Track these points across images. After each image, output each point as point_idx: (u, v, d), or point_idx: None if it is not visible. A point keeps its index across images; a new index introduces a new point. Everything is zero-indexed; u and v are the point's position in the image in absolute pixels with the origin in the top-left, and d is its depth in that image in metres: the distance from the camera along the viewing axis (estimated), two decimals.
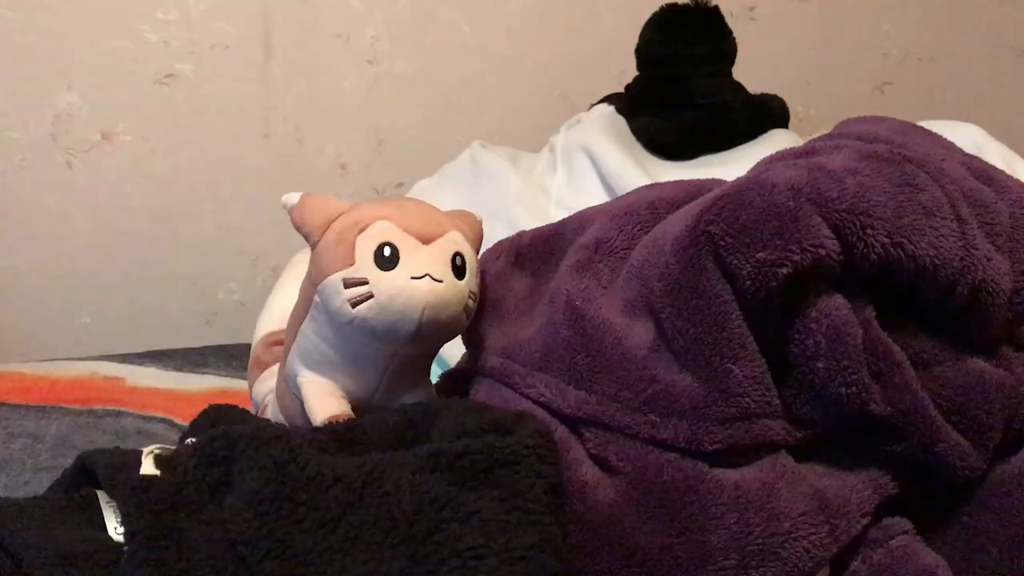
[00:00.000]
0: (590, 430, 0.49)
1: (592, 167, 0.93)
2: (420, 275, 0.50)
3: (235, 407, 0.57)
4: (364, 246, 0.51)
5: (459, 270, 0.52)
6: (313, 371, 0.55)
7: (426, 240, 0.51)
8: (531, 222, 0.79)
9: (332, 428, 0.48)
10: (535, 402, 0.51)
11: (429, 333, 0.51)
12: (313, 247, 0.54)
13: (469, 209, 0.59)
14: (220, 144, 1.23)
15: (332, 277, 0.51)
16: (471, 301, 0.53)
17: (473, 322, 0.56)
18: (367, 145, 1.26)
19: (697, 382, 0.46)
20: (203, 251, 1.25)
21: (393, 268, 0.50)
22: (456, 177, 1.00)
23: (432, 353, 0.57)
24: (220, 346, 1.10)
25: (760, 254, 0.45)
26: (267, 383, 0.66)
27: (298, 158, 1.24)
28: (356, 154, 1.26)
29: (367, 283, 0.50)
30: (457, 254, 0.52)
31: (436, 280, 0.50)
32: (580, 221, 0.58)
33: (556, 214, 0.89)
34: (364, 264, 0.50)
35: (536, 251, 0.59)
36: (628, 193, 0.60)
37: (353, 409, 0.53)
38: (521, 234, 0.61)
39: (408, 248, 0.50)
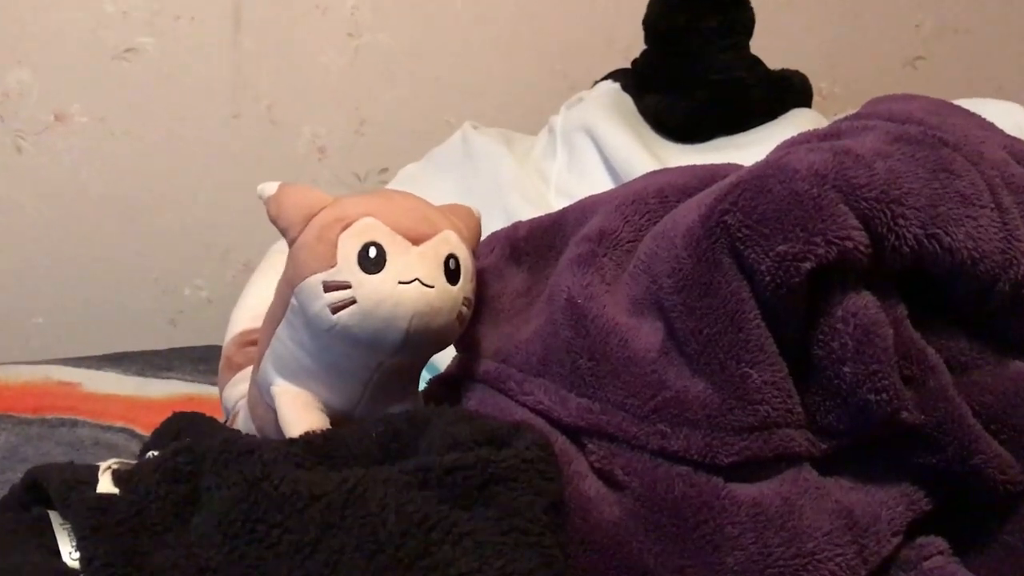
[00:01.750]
0: (593, 441, 0.49)
1: (595, 150, 0.93)
2: (409, 279, 0.49)
3: (202, 415, 0.57)
4: (347, 245, 0.50)
5: (452, 274, 0.51)
6: (288, 380, 0.54)
7: (416, 240, 0.51)
8: (528, 211, 0.80)
9: (309, 440, 0.48)
10: (533, 410, 0.51)
11: (417, 343, 0.51)
12: (291, 244, 0.53)
13: (460, 198, 0.60)
14: (185, 126, 1.22)
15: (311, 279, 0.51)
16: (465, 308, 0.53)
17: None
18: (347, 126, 1.26)
19: (711, 388, 0.46)
20: (167, 244, 1.25)
21: (379, 271, 0.50)
22: (446, 162, 1.00)
23: (421, 364, 0.57)
24: (186, 348, 1.10)
25: (781, 247, 0.45)
26: (239, 387, 0.66)
27: (271, 141, 1.24)
28: (335, 136, 1.26)
29: (350, 287, 0.49)
30: (451, 256, 0.52)
31: (426, 285, 0.50)
32: (582, 210, 0.58)
33: (555, 202, 0.90)
34: (347, 265, 0.50)
35: (534, 244, 0.59)
36: (635, 179, 0.60)
37: (332, 423, 0.53)
38: (517, 225, 0.61)
39: (396, 249, 0.50)
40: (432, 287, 0.50)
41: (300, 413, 0.53)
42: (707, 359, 0.46)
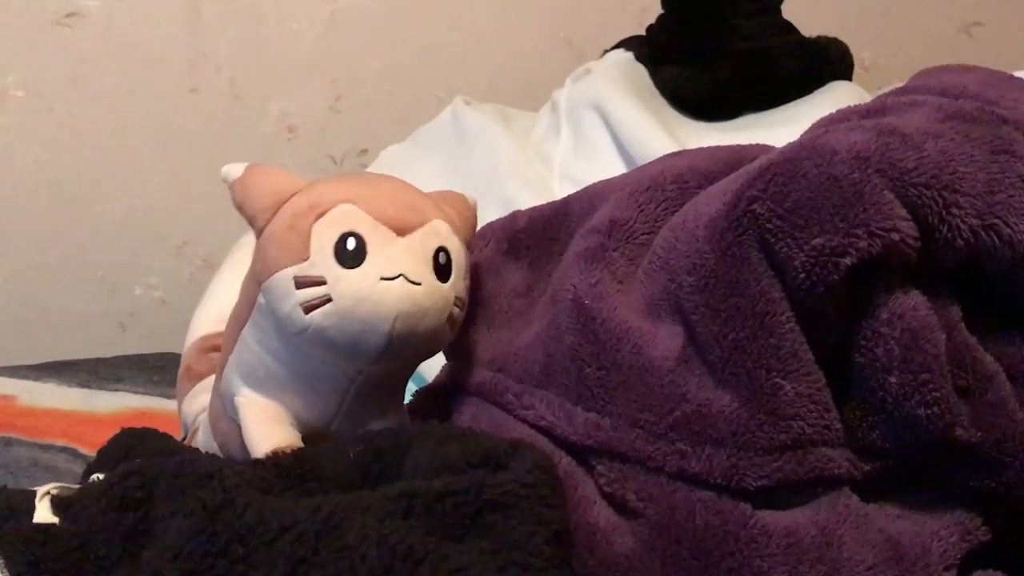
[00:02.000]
0: (603, 462, 0.49)
1: (605, 129, 0.93)
2: (392, 275, 0.49)
3: (154, 432, 0.58)
4: (322, 236, 0.50)
5: (442, 269, 0.51)
6: (255, 390, 0.54)
7: (401, 230, 0.51)
8: (528, 199, 0.79)
9: (277, 461, 0.48)
10: (534, 427, 0.51)
11: (402, 349, 0.51)
12: (258, 234, 0.53)
13: (450, 183, 0.60)
14: (136, 101, 1.22)
15: (280, 274, 0.51)
16: (457, 309, 0.53)
17: None
18: (322, 102, 1.26)
19: (738, 401, 0.46)
20: (115, 237, 1.25)
21: (358, 265, 0.50)
22: (434, 143, 1.00)
23: (407, 373, 0.57)
24: (137, 356, 1.11)
25: (817, 240, 0.45)
26: (200, 399, 0.67)
27: (235, 119, 1.24)
28: (308, 114, 1.26)
29: (324, 283, 0.50)
30: (441, 249, 0.52)
31: (412, 282, 0.50)
32: (590, 198, 0.58)
33: (559, 189, 0.90)
34: (321, 259, 0.50)
35: (535, 236, 0.59)
36: (650, 163, 0.59)
37: (305, 440, 0.53)
38: (516, 215, 0.61)
39: (378, 240, 0.50)
40: (419, 284, 0.50)
41: (268, 428, 0.53)
42: (733, 368, 0.46)
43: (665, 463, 0.47)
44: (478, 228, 0.61)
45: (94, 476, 0.50)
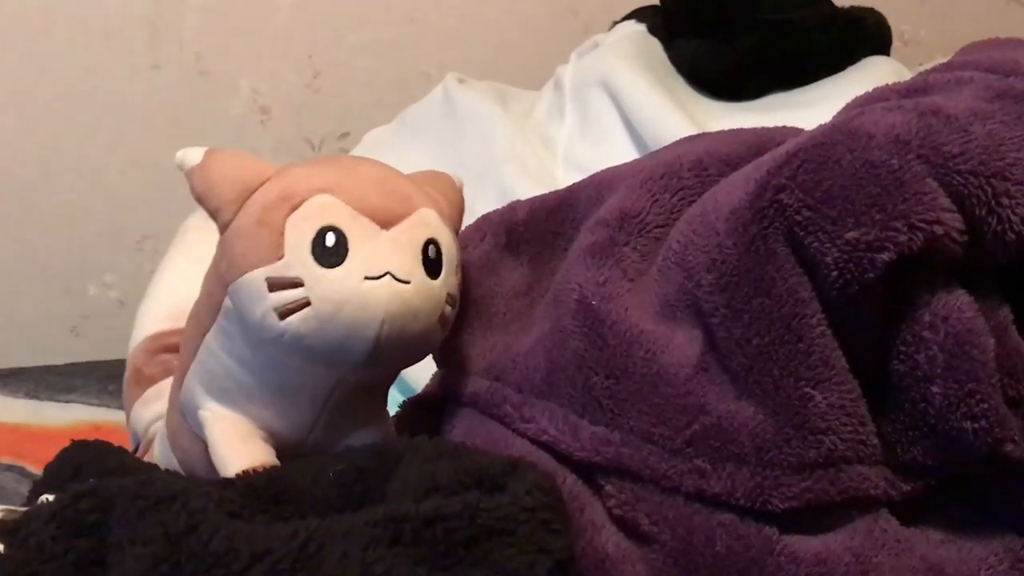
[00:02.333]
0: (612, 482, 0.49)
1: (614, 109, 0.93)
2: (378, 274, 0.49)
3: (109, 446, 0.56)
4: (297, 231, 0.50)
5: (433, 265, 0.51)
6: (221, 402, 0.54)
7: (386, 222, 0.51)
8: (529, 187, 0.82)
9: (248, 481, 0.48)
10: (535, 442, 0.51)
11: (390, 355, 0.51)
12: (223, 229, 0.53)
13: (442, 170, 0.59)
14: (91, 79, 1.22)
15: (251, 275, 0.50)
16: (449, 307, 0.53)
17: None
18: (297, 80, 1.26)
19: (763, 413, 0.46)
20: (66, 230, 1.25)
21: (339, 264, 0.49)
22: (423, 125, 1.00)
23: (390, 379, 0.57)
24: (91, 363, 1.10)
25: (851, 233, 0.45)
26: (153, 407, 0.66)
27: (201, 98, 1.24)
28: (282, 93, 1.26)
29: (302, 285, 0.49)
30: (431, 242, 0.52)
31: (400, 281, 0.50)
32: (597, 187, 0.58)
33: (563, 176, 0.90)
34: (297, 258, 0.49)
35: (536, 229, 0.59)
36: (665, 147, 0.59)
37: (279, 456, 0.53)
38: (515, 206, 0.61)
39: (360, 234, 0.50)
40: (407, 283, 0.50)
41: (238, 445, 0.52)
42: (757, 376, 0.46)
43: (682, 482, 0.47)
44: (473, 221, 0.61)
45: (43, 497, 0.50)
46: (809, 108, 0.82)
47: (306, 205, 0.50)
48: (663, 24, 1.01)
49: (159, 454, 0.61)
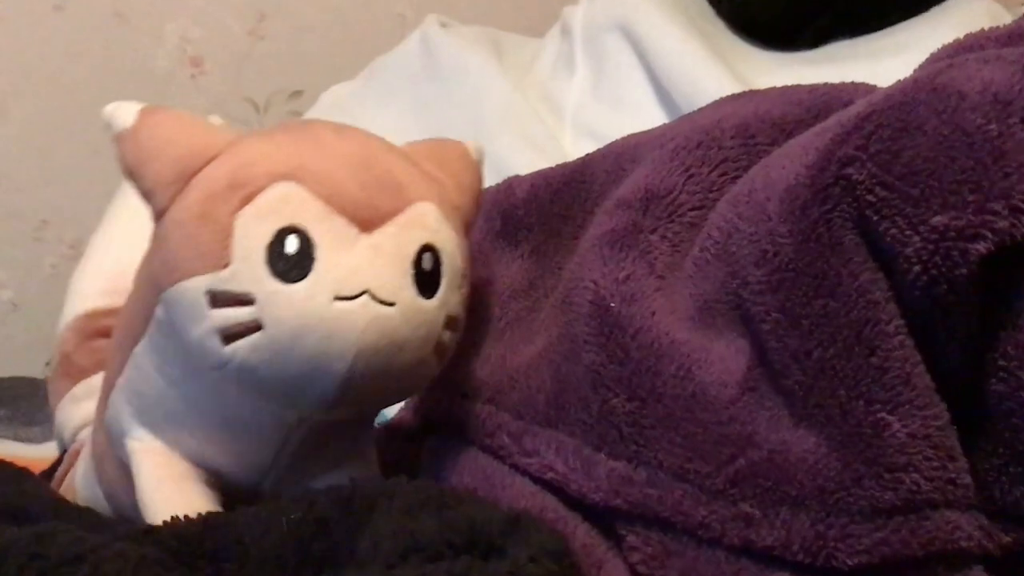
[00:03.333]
0: (636, 531, 0.46)
1: (637, 62, 0.87)
2: (352, 293, 0.44)
3: (6, 470, 0.54)
4: (250, 232, 0.44)
5: (428, 279, 0.46)
6: (152, 431, 0.50)
7: (368, 222, 0.45)
8: (530, 159, 0.77)
9: (179, 533, 0.43)
10: (538, 480, 0.49)
11: (364, 394, 0.46)
12: (157, 217, 0.47)
13: (419, 137, 0.54)
14: None
15: (188, 284, 0.45)
16: (449, 333, 0.48)
17: None
18: (238, 25, 1.18)
19: (826, 445, 0.42)
20: None
21: (302, 277, 0.44)
22: (397, 82, 0.94)
23: (374, 414, 0.53)
24: None
25: (938, 218, 0.41)
26: (84, 406, 0.62)
27: (119, 48, 1.15)
28: (218, 41, 1.18)
29: (252, 303, 0.44)
30: (426, 249, 0.46)
31: (382, 302, 0.44)
32: (616, 159, 0.56)
33: (573, 145, 0.86)
34: (248, 267, 0.44)
35: (539, 213, 0.58)
36: (702, 109, 0.57)
37: (228, 501, 0.49)
38: (513, 183, 0.59)
39: (332, 239, 0.44)
40: (391, 304, 0.44)
41: (168, 487, 0.48)
42: (819, 398, 0.43)
43: (724, 532, 0.44)
44: None
45: None
46: (883, 59, 0.79)
47: (262, 197, 0.44)
48: None
49: (81, 477, 0.57)
